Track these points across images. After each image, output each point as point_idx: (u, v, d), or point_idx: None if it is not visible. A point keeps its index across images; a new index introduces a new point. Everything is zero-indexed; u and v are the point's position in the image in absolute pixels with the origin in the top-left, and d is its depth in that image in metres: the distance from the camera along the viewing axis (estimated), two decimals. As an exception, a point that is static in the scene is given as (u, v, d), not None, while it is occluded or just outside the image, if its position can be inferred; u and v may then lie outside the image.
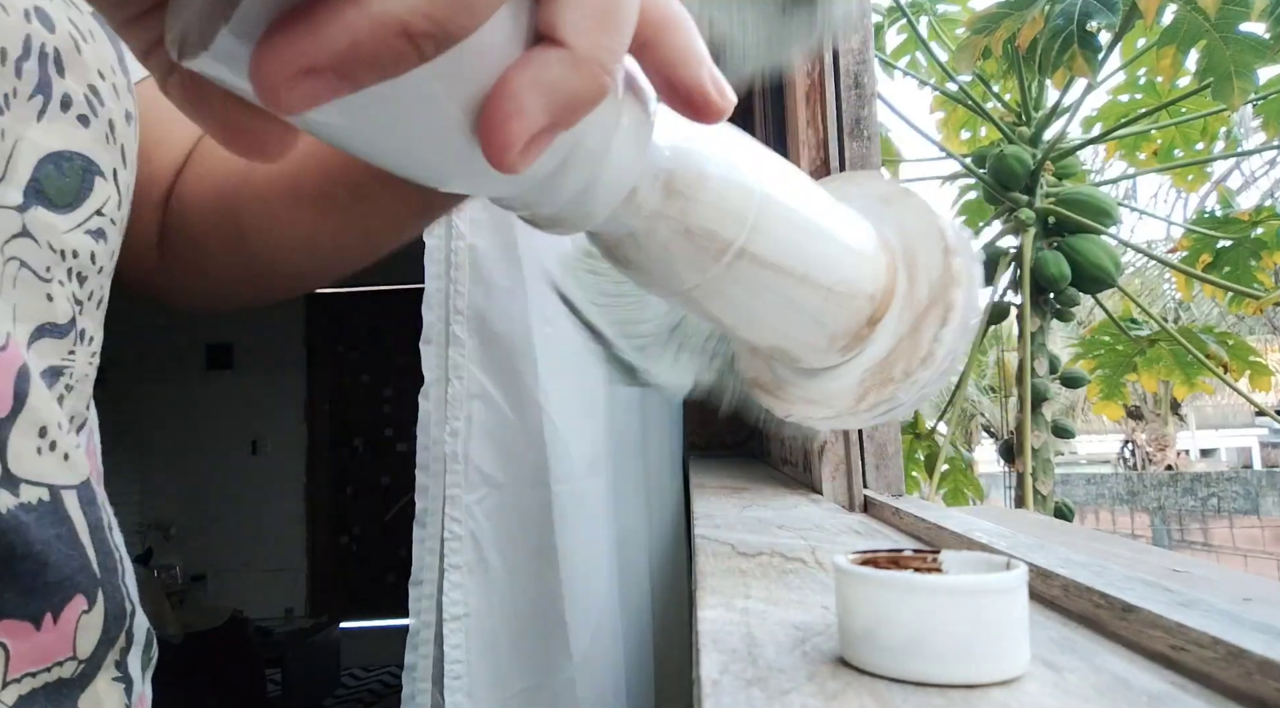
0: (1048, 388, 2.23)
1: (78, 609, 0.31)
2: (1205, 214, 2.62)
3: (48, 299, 0.31)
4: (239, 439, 4.33)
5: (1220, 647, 0.26)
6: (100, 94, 0.34)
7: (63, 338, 0.32)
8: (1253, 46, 1.56)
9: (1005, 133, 2.25)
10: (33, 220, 0.30)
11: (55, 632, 0.30)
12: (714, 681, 0.27)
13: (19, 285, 0.30)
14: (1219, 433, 15.91)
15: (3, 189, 0.29)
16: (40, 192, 0.31)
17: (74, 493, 0.32)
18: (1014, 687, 0.26)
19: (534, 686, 0.86)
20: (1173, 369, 2.29)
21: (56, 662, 0.30)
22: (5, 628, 0.28)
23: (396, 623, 4.01)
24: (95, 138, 0.33)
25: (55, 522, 0.30)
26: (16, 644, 0.28)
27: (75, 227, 0.32)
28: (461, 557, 0.85)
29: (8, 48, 0.30)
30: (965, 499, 2.32)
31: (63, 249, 0.32)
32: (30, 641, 0.29)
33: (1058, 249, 2.12)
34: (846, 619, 0.28)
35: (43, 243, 0.31)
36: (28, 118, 0.30)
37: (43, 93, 0.31)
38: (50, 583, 0.29)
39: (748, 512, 0.72)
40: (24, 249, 0.30)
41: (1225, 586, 0.38)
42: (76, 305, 0.33)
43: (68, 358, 0.32)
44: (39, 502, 0.30)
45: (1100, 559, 0.40)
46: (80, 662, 0.31)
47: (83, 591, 0.31)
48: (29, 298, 0.30)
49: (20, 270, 0.30)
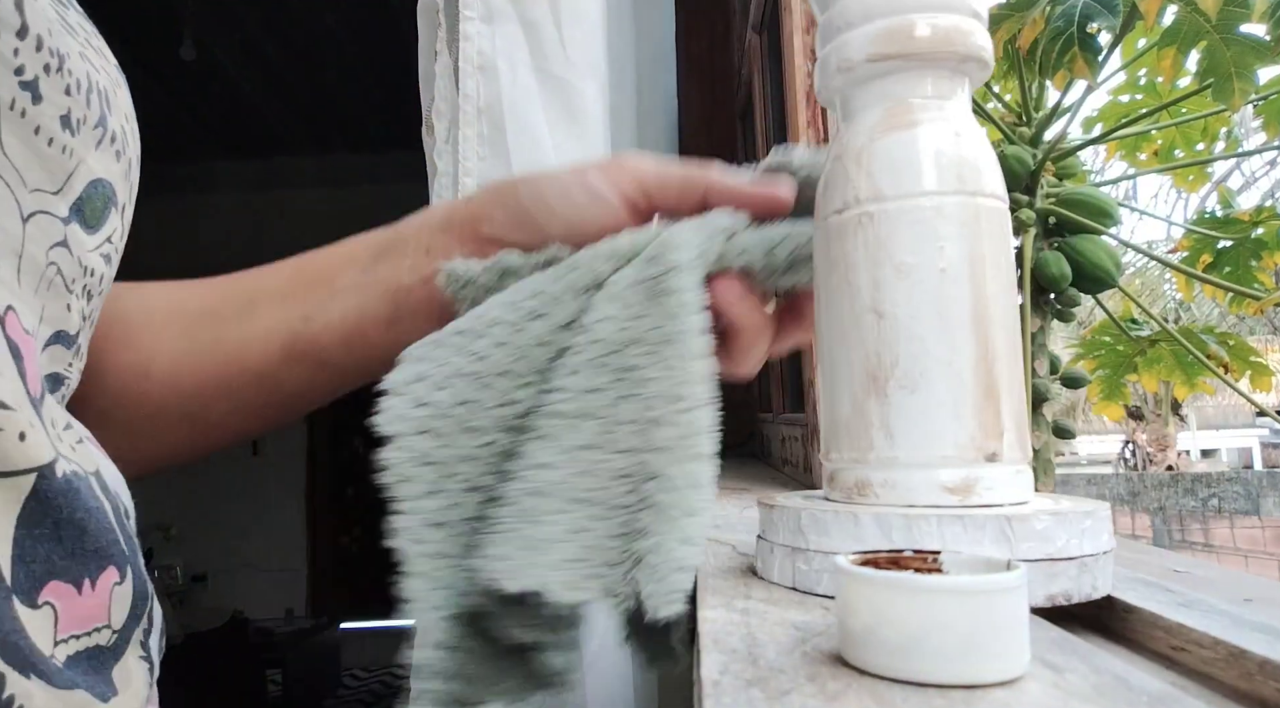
0: (1048, 388, 2.22)
1: (111, 580, 0.32)
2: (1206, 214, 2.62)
3: (66, 309, 0.33)
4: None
5: (1221, 647, 0.26)
6: (127, 135, 0.37)
7: (68, 349, 0.34)
8: (1253, 47, 1.56)
9: (1006, 133, 2.25)
10: (71, 234, 0.33)
11: (94, 598, 0.31)
12: (714, 681, 0.27)
13: (51, 289, 0.32)
14: (1220, 433, 15.91)
15: (58, 201, 0.32)
16: (80, 211, 0.33)
17: (95, 479, 0.33)
18: (1014, 687, 0.26)
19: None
20: (1173, 369, 2.29)
21: (95, 628, 0.31)
22: (53, 589, 0.29)
23: (397, 623, 4.01)
24: (122, 173, 0.37)
25: (93, 496, 0.32)
26: (63, 605, 0.29)
27: (96, 248, 0.35)
28: None
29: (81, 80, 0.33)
30: (966, 500, 2.32)
31: (85, 266, 0.34)
32: (74, 604, 0.30)
33: (1058, 249, 2.12)
34: (847, 619, 0.28)
35: (75, 256, 0.33)
36: (89, 144, 0.34)
37: (102, 125, 0.35)
38: (89, 550, 0.31)
39: (748, 512, 0.72)
40: (61, 258, 0.32)
41: (1226, 586, 0.38)
42: (83, 321, 0.35)
43: (68, 369, 0.35)
44: (81, 474, 0.32)
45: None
46: (114, 632, 0.32)
47: (115, 563, 0.32)
48: (54, 304, 0.32)
49: (56, 276, 0.32)
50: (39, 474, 0.29)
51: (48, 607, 0.29)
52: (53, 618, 0.29)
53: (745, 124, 1.53)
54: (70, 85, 0.32)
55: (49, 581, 0.29)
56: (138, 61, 3.74)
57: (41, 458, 0.29)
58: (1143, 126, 2.23)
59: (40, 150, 0.31)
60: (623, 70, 1.01)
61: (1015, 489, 0.32)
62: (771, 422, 1.24)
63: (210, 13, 3.38)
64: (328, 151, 4.80)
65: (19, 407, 0.29)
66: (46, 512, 0.29)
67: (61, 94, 0.32)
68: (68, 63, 0.32)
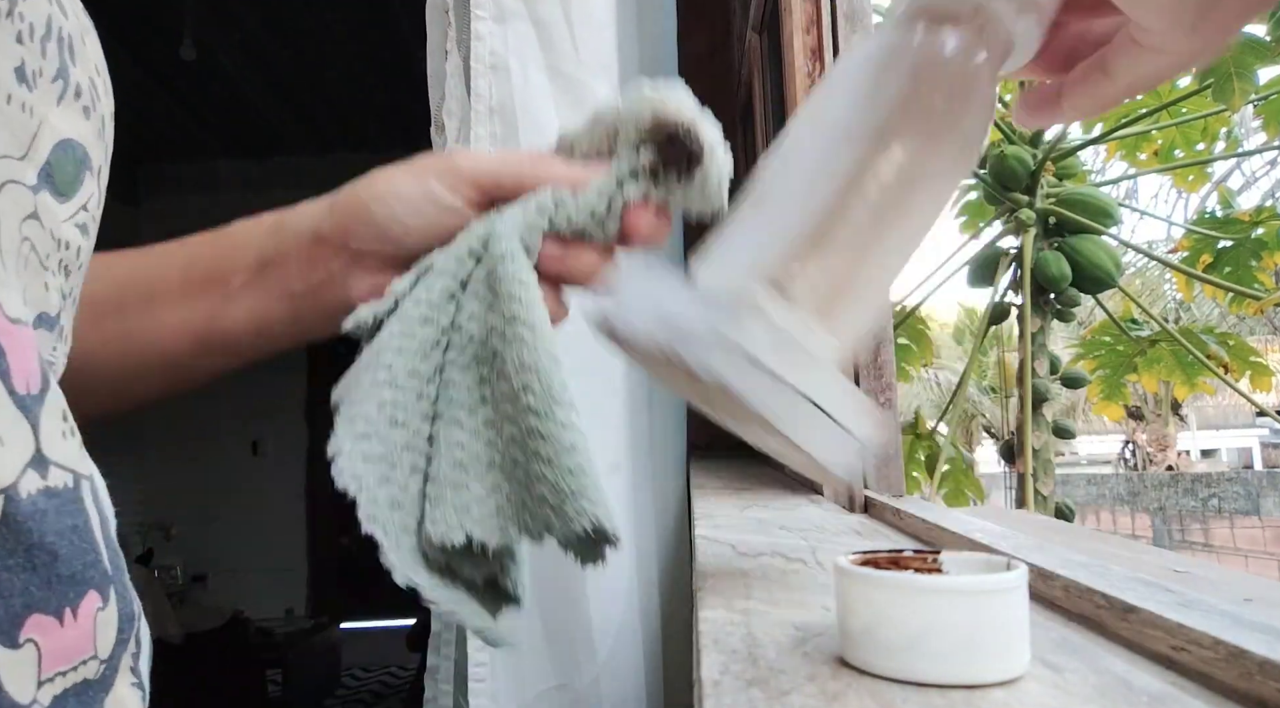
0: (1048, 388, 2.22)
1: (94, 605, 0.29)
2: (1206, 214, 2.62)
3: (45, 288, 0.30)
4: (239, 439, 4.33)
5: (1221, 647, 0.26)
6: (97, 89, 0.34)
7: (51, 331, 0.31)
8: (1253, 47, 1.56)
9: (1005, 133, 2.25)
10: (41, 204, 0.30)
11: (77, 628, 0.29)
12: (715, 681, 0.27)
13: (29, 268, 0.29)
14: (1220, 433, 15.91)
15: (23, 167, 0.29)
16: (50, 177, 0.30)
17: (89, 483, 0.31)
18: (1014, 687, 0.26)
19: (557, 686, 0.86)
20: (1173, 369, 2.29)
21: (81, 660, 0.29)
22: (34, 624, 0.27)
23: (397, 623, 4.01)
24: (93, 131, 0.33)
25: (73, 512, 0.29)
26: (46, 642, 0.27)
27: (69, 217, 0.31)
28: None
29: (35, 24, 0.29)
30: (966, 500, 2.32)
31: (60, 239, 0.31)
32: (57, 637, 0.28)
33: (1058, 249, 2.12)
34: (847, 620, 0.28)
35: (47, 229, 0.30)
36: (49, 101, 0.30)
37: (63, 78, 0.31)
38: (64, 576, 0.28)
39: (748, 512, 0.72)
40: (33, 232, 0.29)
41: (1226, 586, 0.38)
42: (63, 300, 0.32)
43: (53, 354, 0.32)
44: (63, 488, 0.29)
45: (1101, 560, 0.40)
46: (101, 662, 0.30)
47: (96, 587, 0.30)
48: (34, 284, 0.29)
49: (30, 253, 0.29)
50: (5, 496, 0.26)
51: (30, 645, 0.26)
52: (35, 657, 0.26)
53: (745, 125, 1.53)
54: (22, 32, 0.29)
55: (29, 615, 0.26)
56: (138, 61, 3.73)
57: (5, 478, 0.26)
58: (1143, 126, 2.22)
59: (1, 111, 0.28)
60: (630, 69, 1.01)
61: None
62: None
63: (210, 13, 3.37)
64: (328, 151, 4.80)
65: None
66: (19, 538, 0.26)
67: (12, 42, 0.28)
68: (19, 5, 0.28)
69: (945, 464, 2.24)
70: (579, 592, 0.87)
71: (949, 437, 2.31)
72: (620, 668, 0.92)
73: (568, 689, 0.86)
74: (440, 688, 0.84)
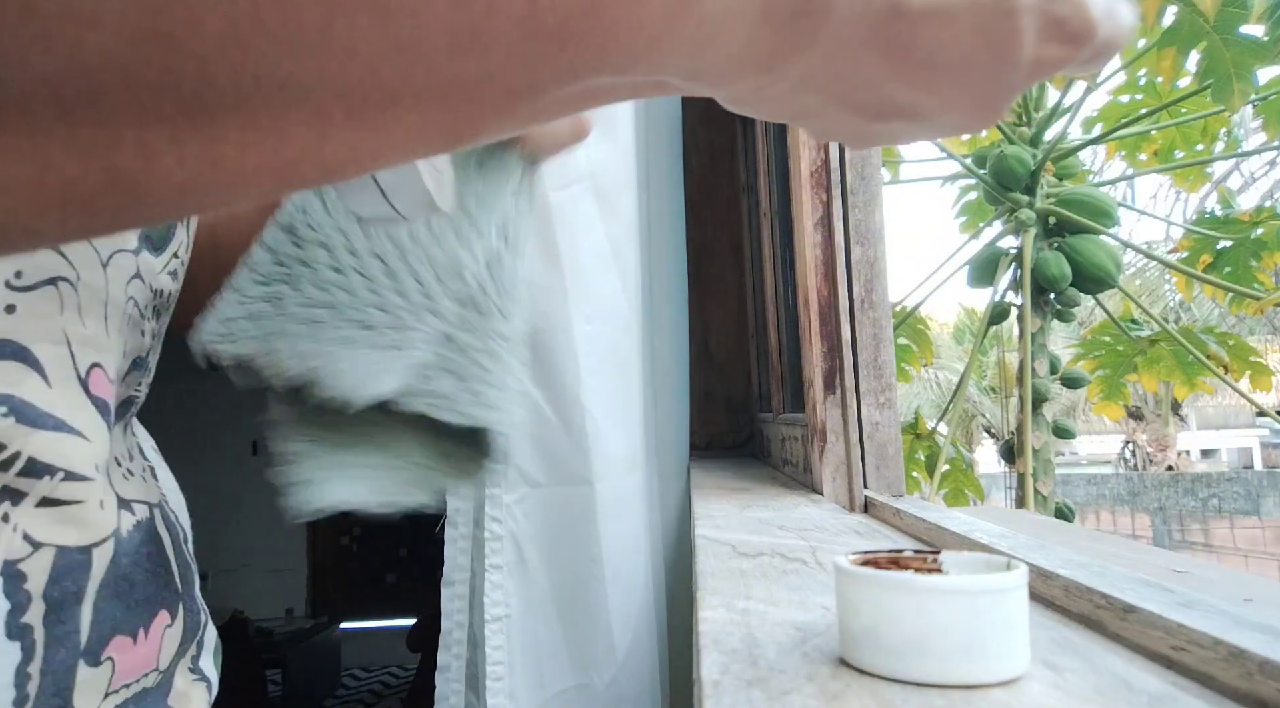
0: (1048, 388, 2.23)
1: (163, 624, 0.33)
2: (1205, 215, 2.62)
3: (141, 335, 0.34)
4: (239, 439, 4.33)
5: (1221, 647, 0.26)
6: None
7: (140, 370, 0.35)
8: (1252, 48, 1.56)
9: (1006, 133, 2.25)
10: (142, 263, 0.33)
11: (147, 645, 0.32)
12: (715, 681, 0.27)
13: (130, 324, 0.32)
14: (1220, 433, 15.91)
15: (128, 235, 0.32)
16: (147, 235, 0.33)
17: (159, 510, 0.34)
18: (1014, 687, 0.26)
19: (577, 685, 0.86)
20: (1173, 369, 2.29)
21: (144, 673, 0.32)
22: (115, 644, 0.30)
23: (397, 623, 4.01)
24: None
25: (149, 540, 0.33)
26: (120, 659, 0.30)
27: (164, 268, 0.35)
28: (502, 557, 0.84)
29: None
30: (966, 500, 2.32)
31: (157, 289, 0.34)
32: (130, 654, 0.31)
33: (1058, 250, 2.12)
34: (847, 620, 0.28)
35: (146, 283, 0.33)
36: None
37: None
38: (139, 600, 0.32)
39: (748, 512, 0.72)
40: (136, 290, 0.33)
41: (1226, 586, 0.38)
42: (153, 340, 0.36)
43: (137, 389, 0.35)
44: (144, 520, 0.33)
45: (1101, 560, 0.40)
46: (160, 672, 0.33)
47: (167, 606, 0.33)
48: (133, 335, 0.33)
49: (133, 309, 0.32)
50: (114, 538, 0.30)
51: (108, 662, 0.30)
52: (110, 672, 0.30)
53: (745, 122, 1.53)
54: None
55: (114, 637, 0.30)
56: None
57: (114, 522, 0.30)
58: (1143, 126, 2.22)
59: None
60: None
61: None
62: (771, 422, 1.24)
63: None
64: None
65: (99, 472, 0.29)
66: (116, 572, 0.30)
67: None
68: None
69: (945, 464, 2.24)
70: (599, 592, 0.87)
71: (949, 437, 2.31)
72: (638, 667, 0.92)
73: (587, 689, 0.86)
74: (451, 687, 0.84)
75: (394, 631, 3.90)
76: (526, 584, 0.85)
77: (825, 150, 0.82)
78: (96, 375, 0.30)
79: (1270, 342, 9.04)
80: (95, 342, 0.30)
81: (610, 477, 0.90)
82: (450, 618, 0.85)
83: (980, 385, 8.30)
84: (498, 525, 0.84)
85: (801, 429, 0.92)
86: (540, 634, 0.85)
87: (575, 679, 0.86)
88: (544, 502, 0.87)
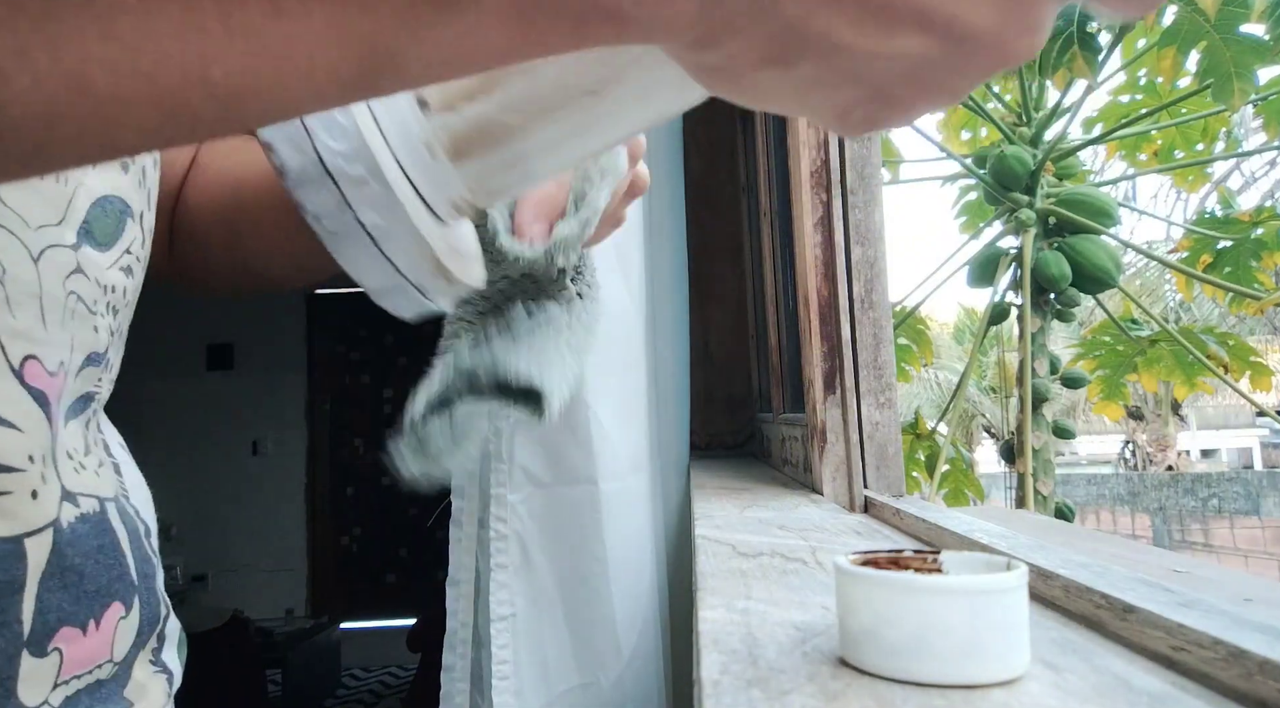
0: (1048, 388, 2.22)
1: (116, 615, 0.33)
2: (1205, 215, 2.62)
3: (94, 330, 0.34)
4: (239, 439, 4.33)
5: (1221, 647, 0.26)
6: None
7: (97, 366, 0.35)
8: (1253, 47, 1.56)
9: (1006, 133, 2.25)
10: (84, 258, 0.33)
11: (99, 636, 0.32)
12: (714, 681, 0.27)
13: (75, 318, 0.33)
14: (1220, 433, 15.91)
15: (62, 230, 0.32)
16: (89, 232, 0.34)
17: (114, 504, 0.34)
18: (1014, 687, 0.26)
19: (582, 684, 0.86)
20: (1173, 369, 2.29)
21: (97, 664, 0.32)
22: (62, 635, 0.30)
23: (397, 623, 4.01)
24: (131, 183, 0.36)
25: (100, 533, 0.33)
26: (69, 650, 0.31)
27: (113, 264, 0.35)
28: (507, 557, 0.84)
29: None
30: (966, 500, 2.32)
31: (106, 284, 0.34)
32: (79, 645, 0.31)
33: (1058, 249, 2.12)
34: (847, 620, 0.28)
35: (91, 279, 0.34)
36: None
37: None
38: (89, 592, 0.32)
39: (748, 512, 0.72)
40: (79, 285, 0.33)
41: (1226, 586, 0.38)
42: (111, 336, 0.36)
43: (97, 385, 0.36)
44: (92, 512, 0.33)
45: (1101, 560, 0.40)
46: (115, 663, 0.34)
47: (120, 598, 0.34)
48: (82, 330, 0.33)
49: (77, 304, 0.33)
50: (54, 528, 0.30)
51: (55, 653, 0.30)
52: (58, 663, 0.30)
53: (745, 122, 1.53)
54: None
55: (60, 628, 0.30)
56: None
57: (52, 512, 0.30)
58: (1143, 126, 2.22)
59: (36, 187, 0.31)
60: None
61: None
62: (771, 422, 1.24)
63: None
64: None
65: (34, 462, 0.29)
66: (59, 562, 0.30)
67: None
68: None
69: (945, 464, 2.24)
70: (605, 591, 0.87)
71: (949, 437, 2.31)
72: (643, 666, 0.92)
73: (593, 688, 0.86)
74: (456, 686, 0.84)
75: (394, 631, 3.90)
76: (531, 584, 0.85)
77: (825, 150, 0.82)
78: (32, 367, 0.30)
79: (1270, 342, 9.05)
80: (30, 334, 0.30)
81: (615, 477, 0.90)
82: (455, 618, 0.85)
83: (980, 385, 8.30)
84: (503, 525, 0.84)
85: (801, 429, 0.92)
86: (545, 634, 0.85)
87: (580, 679, 0.86)
88: (549, 502, 0.87)
